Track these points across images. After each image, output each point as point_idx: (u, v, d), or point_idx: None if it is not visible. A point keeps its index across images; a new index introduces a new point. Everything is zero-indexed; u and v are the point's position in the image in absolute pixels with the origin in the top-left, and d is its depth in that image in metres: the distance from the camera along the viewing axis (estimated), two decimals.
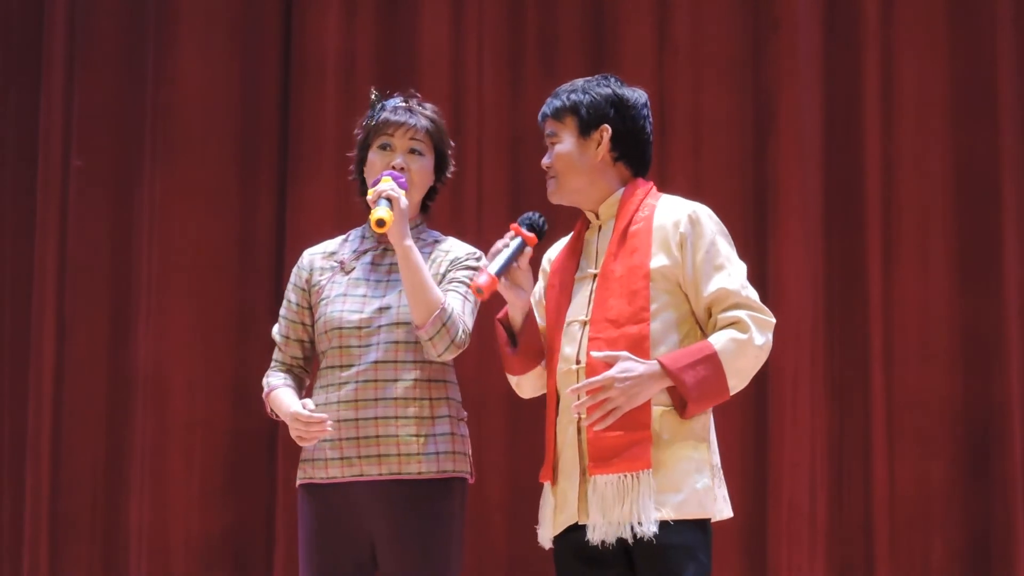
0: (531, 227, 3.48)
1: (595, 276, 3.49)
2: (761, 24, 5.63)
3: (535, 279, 3.57)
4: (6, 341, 6.09)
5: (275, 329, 3.82)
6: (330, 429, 3.52)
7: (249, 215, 5.96)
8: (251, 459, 5.86)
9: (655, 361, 3.34)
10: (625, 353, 3.33)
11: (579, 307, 3.49)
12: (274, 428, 5.80)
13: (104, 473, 5.92)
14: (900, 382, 5.44)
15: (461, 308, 3.58)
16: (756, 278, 5.45)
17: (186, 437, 5.83)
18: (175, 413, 5.84)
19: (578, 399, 3.38)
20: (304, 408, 3.53)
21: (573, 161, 3.53)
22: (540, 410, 3.58)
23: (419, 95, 3.79)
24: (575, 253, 3.57)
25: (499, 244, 3.46)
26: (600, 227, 3.56)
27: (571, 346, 3.46)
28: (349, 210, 5.80)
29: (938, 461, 5.40)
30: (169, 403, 5.85)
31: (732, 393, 3.41)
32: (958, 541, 5.38)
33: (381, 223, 3.52)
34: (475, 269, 3.62)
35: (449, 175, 3.79)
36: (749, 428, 5.49)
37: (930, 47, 5.54)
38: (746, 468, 5.46)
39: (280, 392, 3.69)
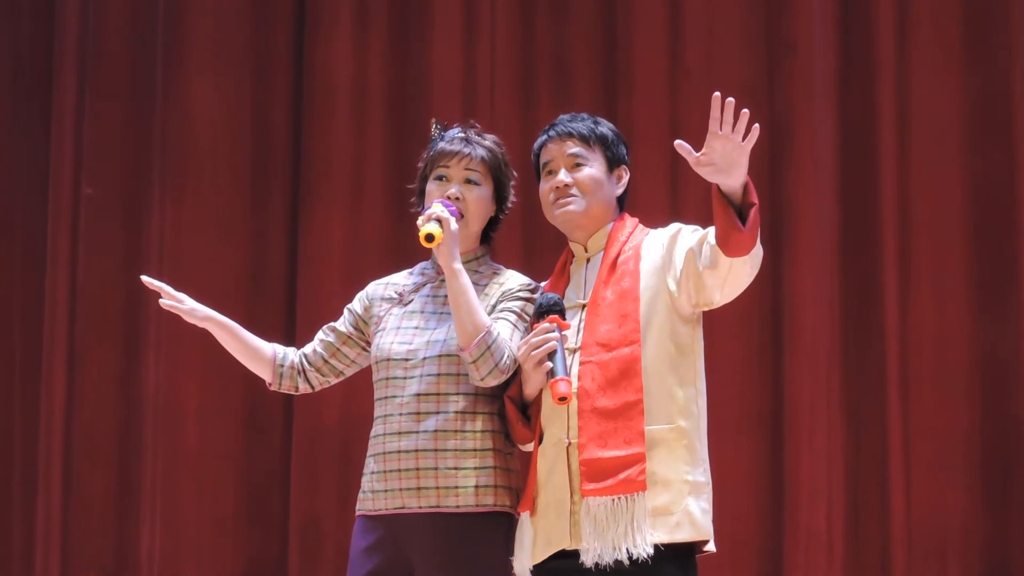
0: (561, 313, 3.50)
1: (584, 306, 3.54)
2: (775, 48, 5.61)
3: None
4: (17, 369, 6.09)
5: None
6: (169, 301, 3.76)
7: (260, 242, 5.96)
8: (263, 488, 5.84)
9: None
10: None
11: (568, 337, 3.50)
12: (287, 456, 5.78)
13: (115, 502, 5.92)
14: (917, 408, 5.41)
15: (509, 335, 3.57)
16: (771, 303, 5.49)
17: (197, 466, 5.82)
18: (186, 442, 5.83)
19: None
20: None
21: (602, 188, 3.61)
22: None
23: (479, 125, 3.79)
24: (559, 287, 3.62)
25: (547, 339, 3.44)
26: (588, 259, 3.61)
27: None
28: (361, 237, 5.84)
29: (956, 488, 5.36)
30: (180, 432, 5.84)
31: (747, 253, 3.38)
32: (976, 570, 5.34)
33: (430, 238, 3.52)
34: (527, 300, 3.64)
35: (510, 205, 3.78)
36: (765, 454, 5.45)
37: (945, 70, 5.51)
38: (763, 495, 5.42)
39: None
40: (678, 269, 3.47)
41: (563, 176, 3.59)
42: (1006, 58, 5.48)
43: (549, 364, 3.42)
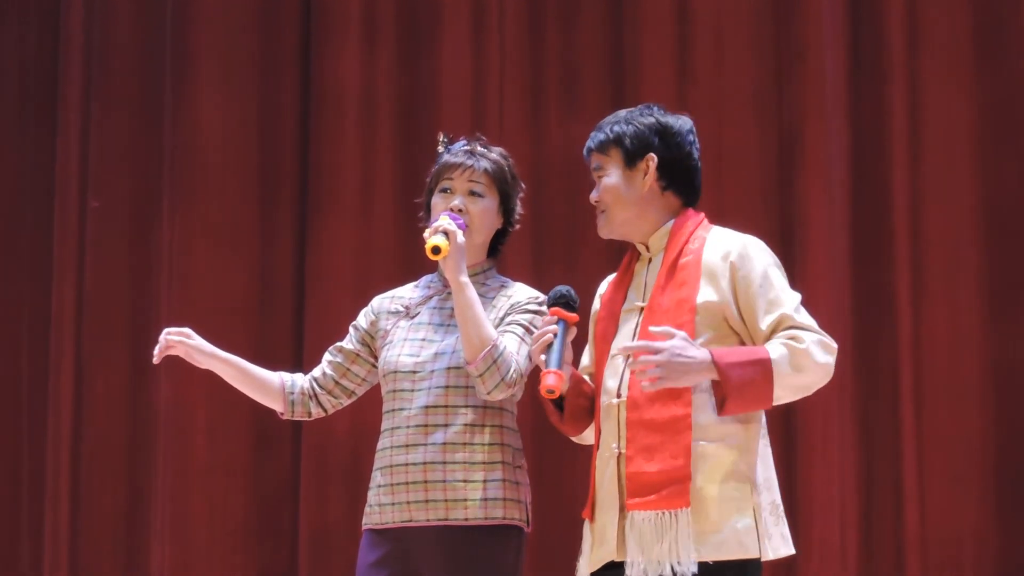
0: (568, 305, 3.44)
1: (642, 309, 3.47)
2: (785, 54, 5.59)
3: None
4: (24, 382, 6.10)
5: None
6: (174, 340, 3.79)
7: (268, 254, 5.96)
8: (273, 501, 5.84)
9: (707, 351, 3.29)
10: (683, 334, 3.28)
11: (623, 340, 3.46)
12: (296, 469, 5.77)
13: (124, 516, 5.93)
14: (930, 417, 5.38)
15: (516, 349, 3.56)
16: None
17: (207, 479, 5.82)
18: (195, 455, 5.83)
19: (631, 364, 3.34)
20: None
21: (620, 193, 3.51)
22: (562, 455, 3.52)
23: (485, 138, 3.78)
24: (623, 285, 3.56)
25: (545, 331, 3.41)
26: (650, 259, 3.53)
27: (613, 379, 3.44)
28: (370, 248, 5.83)
29: (970, 497, 5.34)
30: (189, 445, 5.84)
31: (776, 403, 3.38)
32: None
33: (436, 250, 3.52)
34: (536, 313, 3.61)
35: (517, 218, 3.76)
36: (778, 465, 5.38)
37: (957, 77, 5.49)
38: None
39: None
40: (746, 327, 3.42)
41: (593, 195, 3.55)
42: (1018, 65, 5.45)
43: (543, 357, 3.40)
